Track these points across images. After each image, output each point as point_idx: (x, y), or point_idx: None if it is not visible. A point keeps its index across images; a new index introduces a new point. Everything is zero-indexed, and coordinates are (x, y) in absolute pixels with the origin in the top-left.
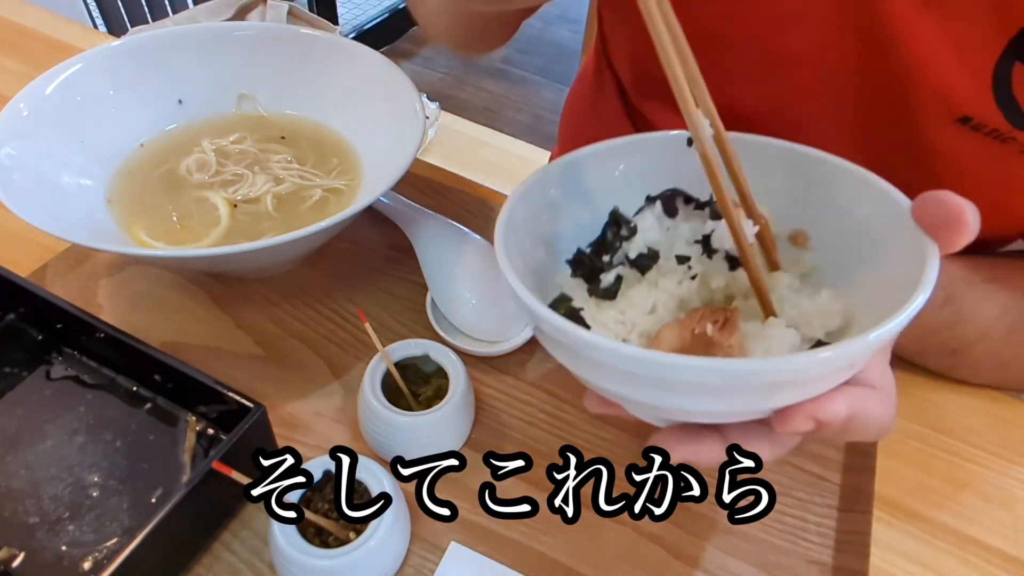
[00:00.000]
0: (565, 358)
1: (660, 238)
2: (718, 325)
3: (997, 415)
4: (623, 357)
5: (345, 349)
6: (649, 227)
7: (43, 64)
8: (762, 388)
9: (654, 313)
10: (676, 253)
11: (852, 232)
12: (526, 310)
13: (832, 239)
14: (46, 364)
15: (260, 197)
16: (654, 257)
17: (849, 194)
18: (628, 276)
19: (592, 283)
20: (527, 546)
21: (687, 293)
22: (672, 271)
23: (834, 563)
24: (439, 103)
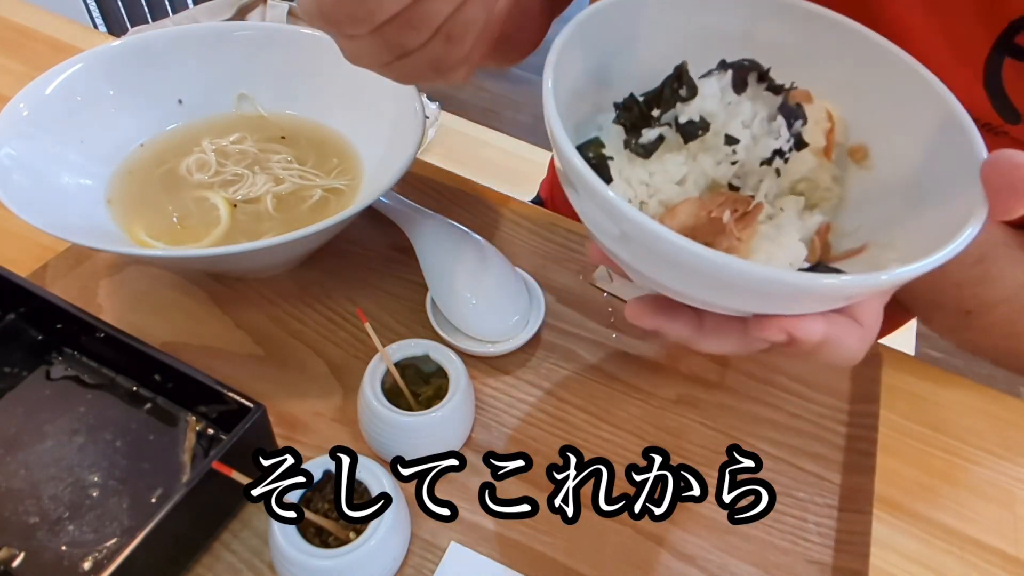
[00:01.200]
0: (577, 202)
1: (717, 110)
2: (736, 215)
3: (997, 415)
4: (617, 215)
5: (345, 349)
6: (710, 94)
7: (43, 64)
8: (750, 293)
9: (682, 184)
10: (727, 132)
11: (914, 161)
12: (555, 143)
13: (891, 161)
14: (46, 364)
15: (260, 197)
16: (704, 127)
17: (929, 123)
18: (670, 139)
19: (631, 134)
20: (527, 546)
21: (721, 176)
22: (716, 148)
23: (834, 563)
24: (439, 103)
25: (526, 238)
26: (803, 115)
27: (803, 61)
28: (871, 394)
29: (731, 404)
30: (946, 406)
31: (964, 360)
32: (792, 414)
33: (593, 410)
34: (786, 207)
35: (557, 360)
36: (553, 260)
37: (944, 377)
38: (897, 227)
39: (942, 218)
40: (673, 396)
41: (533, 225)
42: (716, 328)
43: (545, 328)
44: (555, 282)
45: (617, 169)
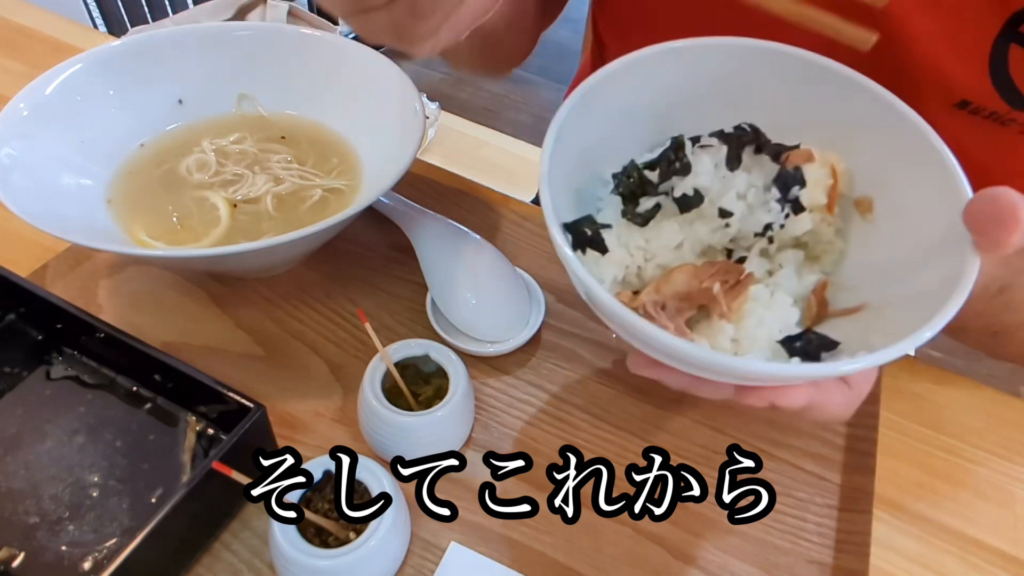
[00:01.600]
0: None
1: (711, 184)
2: (726, 286)
3: (997, 415)
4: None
5: (345, 349)
6: (704, 171)
7: (43, 64)
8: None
9: (679, 249)
10: (721, 205)
11: (915, 219)
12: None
13: (894, 216)
14: (46, 364)
15: (260, 197)
16: (699, 200)
17: (931, 184)
18: (667, 207)
19: (628, 204)
20: (527, 546)
21: (717, 241)
22: (711, 218)
23: (834, 563)
24: (439, 103)
25: (526, 238)
26: (801, 179)
27: (810, 113)
28: (871, 394)
29: (731, 404)
30: (946, 406)
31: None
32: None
33: (593, 410)
34: (785, 262)
35: (557, 360)
36: (553, 260)
37: (944, 377)
38: (895, 286)
39: (937, 280)
40: (673, 396)
41: (533, 225)
42: (711, 380)
43: (545, 328)
44: (555, 282)
45: (616, 235)
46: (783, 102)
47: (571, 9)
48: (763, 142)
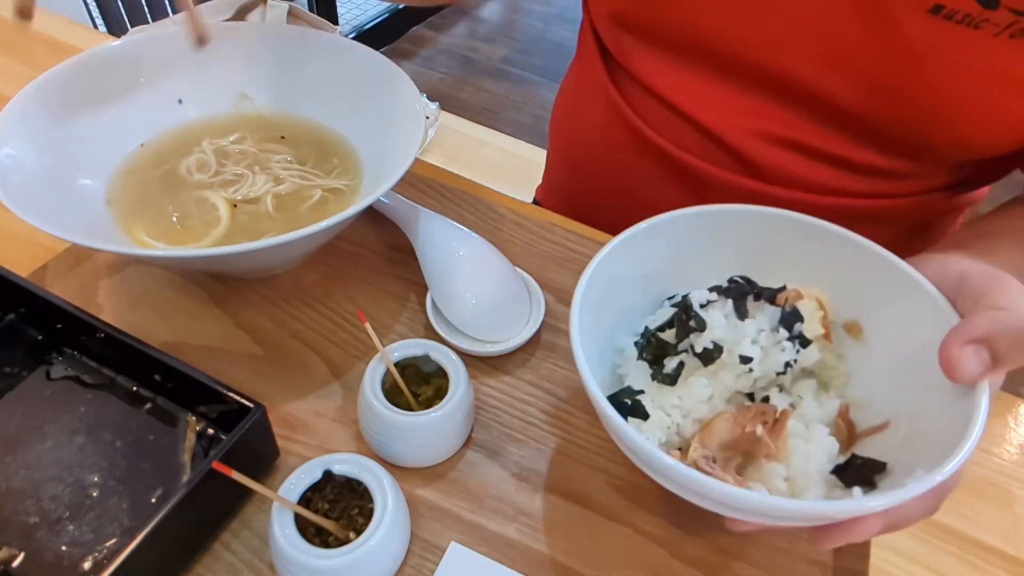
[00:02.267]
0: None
1: (726, 335)
2: (768, 427)
3: (997, 414)
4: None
5: (345, 349)
6: (718, 325)
7: (43, 64)
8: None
9: (710, 401)
10: (740, 352)
11: (902, 331)
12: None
13: (882, 332)
14: (46, 364)
15: (260, 197)
16: (719, 351)
17: (905, 296)
18: (690, 363)
19: (655, 366)
20: (527, 546)
21: (743, 386)
22: (733, 365)
23: (834, 563)
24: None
25: (526, 238)
26: (799, 316)
27: (784, 256)
28: None
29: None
30: None
31: None
32: None
33: (593, 410)
34: (803, 394)
35: (557, 360)
36: (553, 260)
37: None
38: (910, 394)
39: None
40: None
41: (533, 225)
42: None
43: (545, 328)
44: (555, 282)
45: (650, 399)
46: (759, 252)
47: (571, 10)
48: (758, 290)
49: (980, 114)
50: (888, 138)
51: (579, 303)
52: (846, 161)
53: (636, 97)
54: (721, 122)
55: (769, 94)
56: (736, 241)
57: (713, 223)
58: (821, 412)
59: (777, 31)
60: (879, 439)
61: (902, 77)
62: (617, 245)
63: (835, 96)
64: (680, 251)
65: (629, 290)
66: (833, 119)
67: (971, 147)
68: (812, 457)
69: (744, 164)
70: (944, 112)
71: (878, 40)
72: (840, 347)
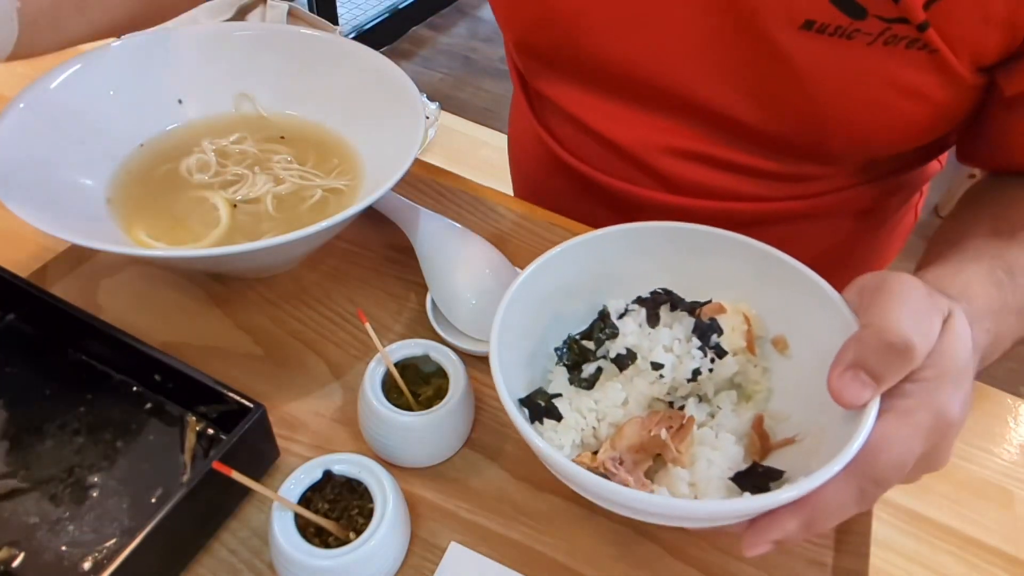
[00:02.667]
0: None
1: (640, 342)
2: (672, 431)
3: (997, 415)
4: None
5: (345, 349)
6: (631, 332)
7: (43, 64)
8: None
9: (625, 405)
10: (652, 359)
11: (822, 348)
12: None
13: (805, 349)
14: (46, 364)
15: (260, 197)
16: (632, 357)
17: (823, 317)
18: (608, 369)
19: (574, 372)
20: (527, 546)
21: (657, 392)
22: (646, 371)
23: (834, 563)
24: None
25: (526, 238)
26: (718, 328)
27: (717, 273)
28: None
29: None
30: None
31: None
32: None
33: None
34: (722, 404)
35: None
36: None
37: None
38: (822, 411)
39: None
40: None
41: (533, 225)
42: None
43: None
44: None
45: (567, 402)
46: (691, 269)
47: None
48: (676, 301)
49: (868, 119)
50: (788, 146)
51: (501, 316)
52: (753, 168)
53: (553, 121)
54: (631, 140)
55: (670, 110)
56: (667, 257)
57: (641, 240)
58: (737, 422)
59: (666, 50)
60: (789, 452)
61: (787, 89)
62: (546, 261)
63: (730, 110)
64: (614, 266)
65: (564, 300)
66: (734, 131)
67: (867, 149)
68: (715, 463)
69: (660, 180)
70: (833, 120)
71: (759, 56)
72: (766, 361)
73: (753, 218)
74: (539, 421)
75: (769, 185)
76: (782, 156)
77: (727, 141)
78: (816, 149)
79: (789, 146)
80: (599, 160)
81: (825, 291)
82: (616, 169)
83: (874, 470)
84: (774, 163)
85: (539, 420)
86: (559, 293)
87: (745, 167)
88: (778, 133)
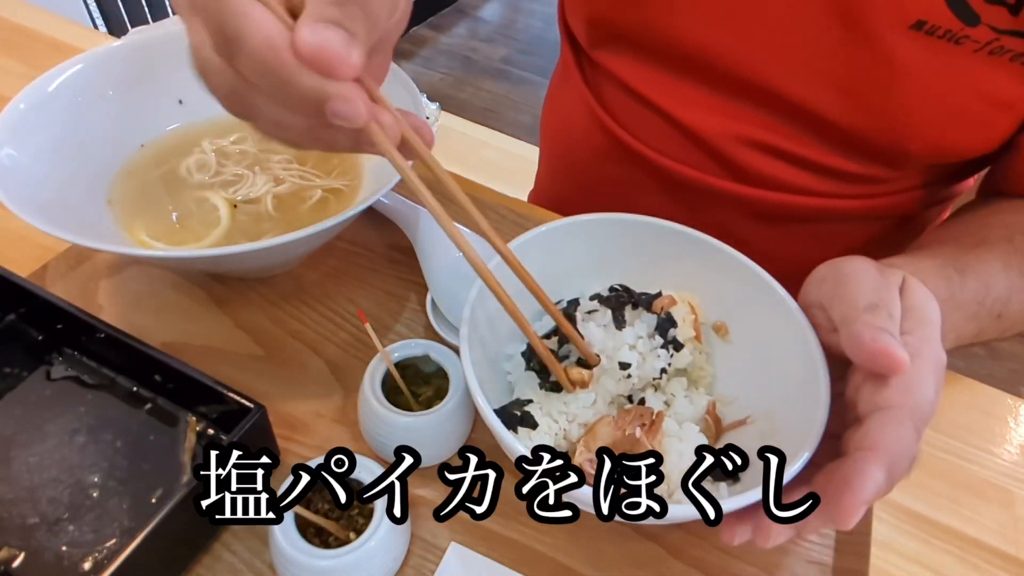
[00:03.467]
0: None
1: (606, 343)
2: (645, 428)
3: (997, 415)
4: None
5: (345, 349)
6: (595, 335)
7: (43, 64)
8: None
9: (594, 405)
10: (619, 359)
11: (761, 333)
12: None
13: (745, 334)
14: (46, 364)
15: (260, 197)
16: (597, 360)
17: (762, 302)
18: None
19: (542, 376)
20: (527, 546)
21: (623, 390)
22: (613, 371)
23: (834, 563)
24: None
25: None
26: (673, 321)
27: (659, 262)
28: None
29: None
30: (946, 406)
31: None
32: None
33: None
34: (676, 392)
35: None
36: None
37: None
38: (768, 391)
39: (802, 382)
40: None
41: (533, 225)
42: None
43: None
44: None
45: (538, 407)
46: (634, 260)
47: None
48: (636, 298)
49: (955, 125)
50: (865, 146)
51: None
52: (825, 166)
53: (613, 99)
54: (701, 124)
55: (749, 100)
56: (612, 249)
57: (592, 232)
58: (692, 410)
59: (758, 39)
60: (742, 432)
61: (878, 88)
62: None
63: (815, 106)
64: (565, 258)
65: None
66: (812, 126)
67: (945, 155)
68: (685, 455)
69: (729, 169)
70: (918, 123)
71: (858, 51)
72: (708, 347)
73: (809, 213)
74: (514, 430)
75: (834, 183)
76: (854, 155)
77: (802, 135)
78: (891, 150)
79: (864, 145)
80: (660, 139)
81: (762, 277)
82: (676, 150)
83: (919, 405)
84: (844, 161)
85: (514, 429)
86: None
87: (814, 163)
88: (858, 131)
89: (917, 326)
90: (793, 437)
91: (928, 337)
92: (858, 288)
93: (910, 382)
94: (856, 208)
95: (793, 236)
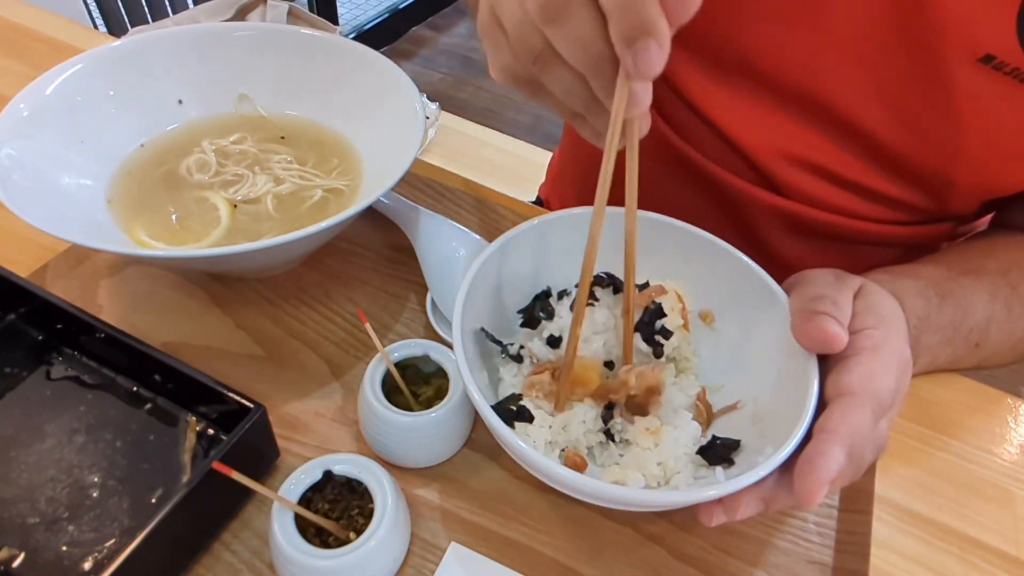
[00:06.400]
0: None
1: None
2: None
3: (996, 415)
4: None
5: (345, 349)
6: (565, 313)
7: (43, 64)
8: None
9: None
10: (604, 360)
11: (746, 321)
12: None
13: (730, 322)
14: (46, 364)
15: (260, 197)
16: (560, 341)
17: (747, 290)
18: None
19: (502, 345)
20: (527, 546)
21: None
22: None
23: (834, 563)
24: (439, 103)
25: None
26: (662, 312)
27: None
28: None
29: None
30: (946, 406)
31: None
32: None
33: None
34: (665, 380)
35: None
36: None
37: (944, 377)
38: (758, 378)
39: (790, 367)
40: None
41: None
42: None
43: None
44: None
45: (529, 401)
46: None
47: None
48: (619, 285)
49: (1005, 161)
50: (914, 173)
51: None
52: (867, 189)
53: (659, 96)
54: (748, 139)
55: (802, 116)
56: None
57: (579, 225)
58: (683, 397)
59: (821, 56)
60: (732, 417)
61: (937, 117)
62: (492, 253)
63: (870, 127)
64: (554, 250)
65: (506, 290)
66: (861, 148)
67: (992, 190)
68: (680, 442)
69: (765, 180)
70: (972, 156)
71: (923, 80)
72: (696, 334)
73: (846, 233)
74: (510, 425)
75: (872, 206)
76: (901, 181)
77: (849, 156)
78: (936, 177)
79: (914, 172)
80: (706, 145)
81: (749, 266)
82: (721, 158)
83: (878, 393)
84: (889, 186)
85: (510, 424)
86: (502, 282)
87: (856, 184)
88: (909, 158)
89: (880, 322)
90: (783, 419)
91: (891, 332)
92: (809, 286)
93: (872, 371)
94: (885, 233)
95: (823, 252)
